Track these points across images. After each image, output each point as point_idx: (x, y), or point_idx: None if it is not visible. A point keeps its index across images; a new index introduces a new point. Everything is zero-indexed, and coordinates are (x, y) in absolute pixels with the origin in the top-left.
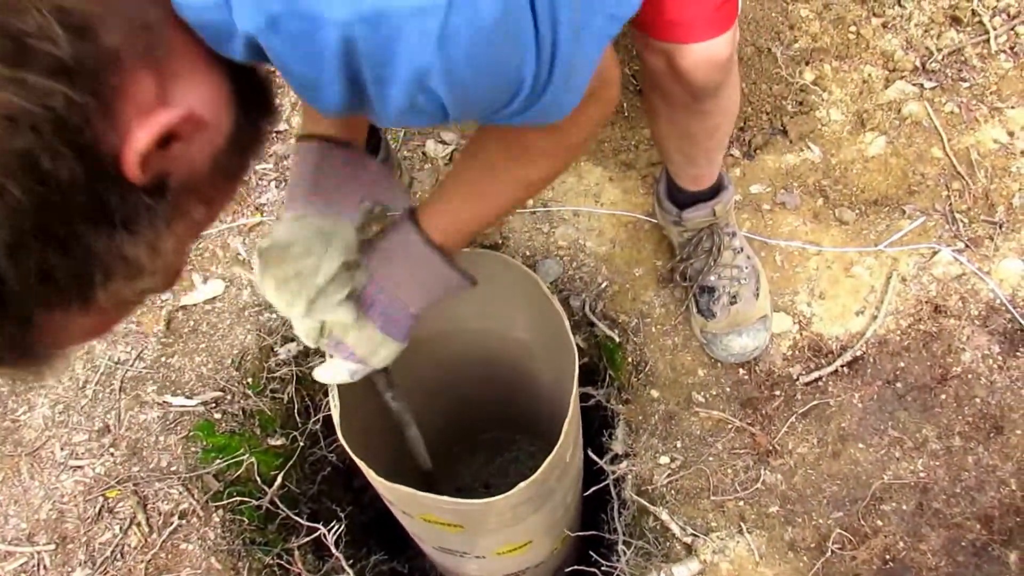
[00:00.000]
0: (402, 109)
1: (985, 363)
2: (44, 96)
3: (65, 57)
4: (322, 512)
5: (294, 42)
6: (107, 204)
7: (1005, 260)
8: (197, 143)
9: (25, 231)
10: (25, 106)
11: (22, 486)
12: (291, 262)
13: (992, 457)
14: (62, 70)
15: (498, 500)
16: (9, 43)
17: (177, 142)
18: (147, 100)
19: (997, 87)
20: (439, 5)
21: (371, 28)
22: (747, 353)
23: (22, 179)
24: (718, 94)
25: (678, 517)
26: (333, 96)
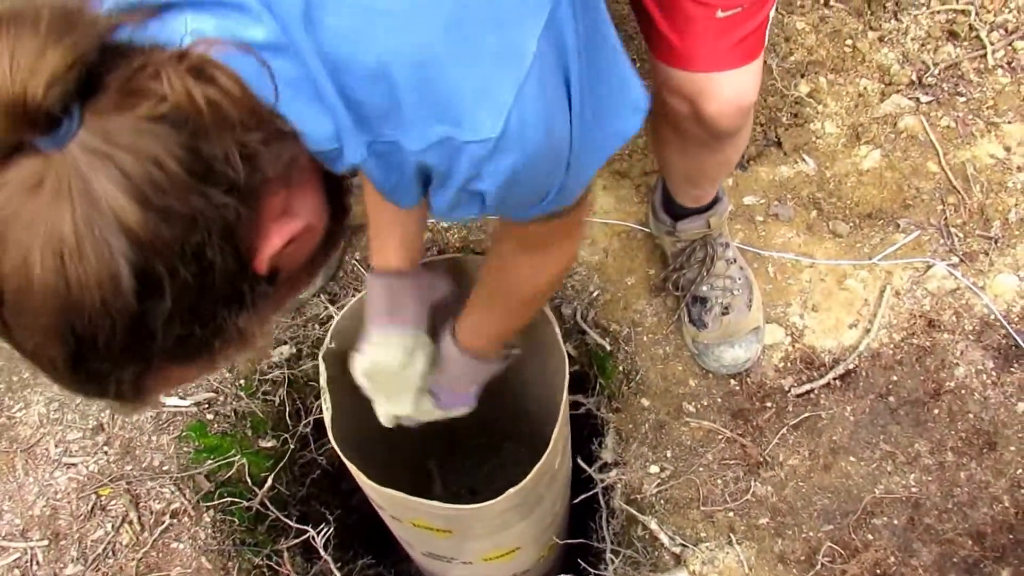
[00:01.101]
0: (448, 207)
1: (979, 378)
2: (219, 207)
3: (238, 180)
4: (311, 515)
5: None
6: (241, 290)
7: (1000, 275)
8: (304, 245)
9: (182, 305)
10: (205, 212)
11: (17, 482)
12: (396, 378)
13: (985, 473)
14: (235, 189)
15: (487, 506)
16: (202, 164)
17: (293, 244)
18: (280, 211)
19: (994, 102)
20: (491, 138)
21: (439, 153)
22: (739, 364)
23: (191, 265)
24: (737, 136)
25: (667, 527)
26: (409, 198)
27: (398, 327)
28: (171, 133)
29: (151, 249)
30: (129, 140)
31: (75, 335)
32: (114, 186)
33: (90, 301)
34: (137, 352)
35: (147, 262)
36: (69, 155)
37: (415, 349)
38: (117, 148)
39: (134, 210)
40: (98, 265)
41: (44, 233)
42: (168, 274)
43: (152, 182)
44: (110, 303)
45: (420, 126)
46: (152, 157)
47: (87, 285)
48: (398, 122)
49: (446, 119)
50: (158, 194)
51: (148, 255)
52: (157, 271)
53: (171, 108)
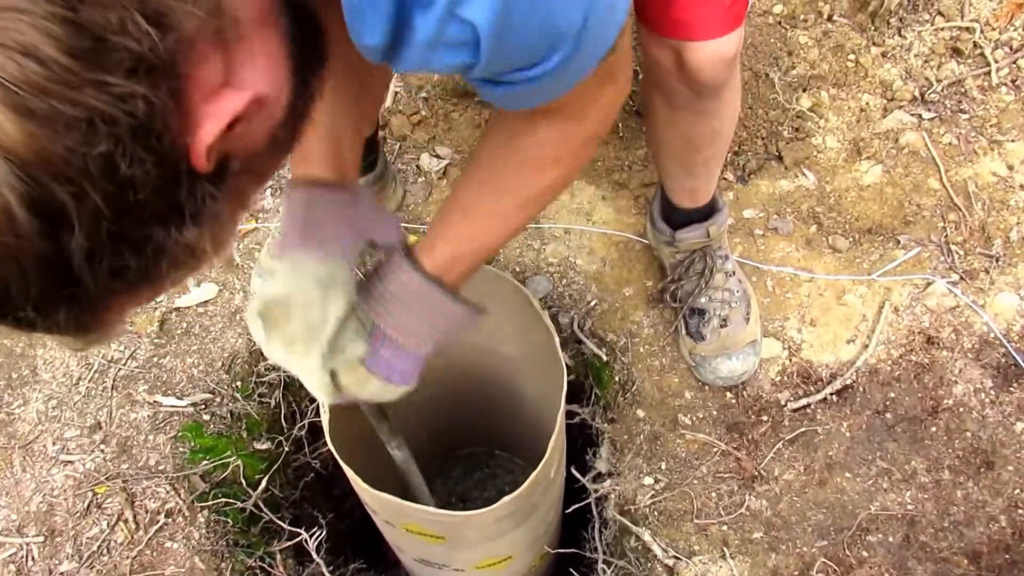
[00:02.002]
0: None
1: (977, 397)
2: (124, 99)
3: (145, 53)
4: (303, 518)
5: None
6: (178, 201)
7: (1001, 294)
8: (258, 121)
9: (102, 235)
10: (104, 109)
11: (14, 478)
12: (296, 318)
13: (982, 492)
14: (141, 67)
15: (481, 513)
16: (89, 40)
17: (241, 124)
18: (214, 84)
19: (997, 120)
20: None
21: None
22: (735, 377)
23: (101, 184)
24: (721, 94)
25: (660, 539)
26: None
27: (314, 253)
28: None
29: (43, 170)
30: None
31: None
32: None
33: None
34: (62, 294)
35: (41, 188)
36: None
37: (332, 282)
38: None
39: (10, 121)
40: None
41: None
42: (73, 199)
43: (26, 80)
44: (8, 245)
45: None
46: (20, 45)
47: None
48: None
49: None
50: (38, 95)
51: (40, 179)
52: (57, 198)
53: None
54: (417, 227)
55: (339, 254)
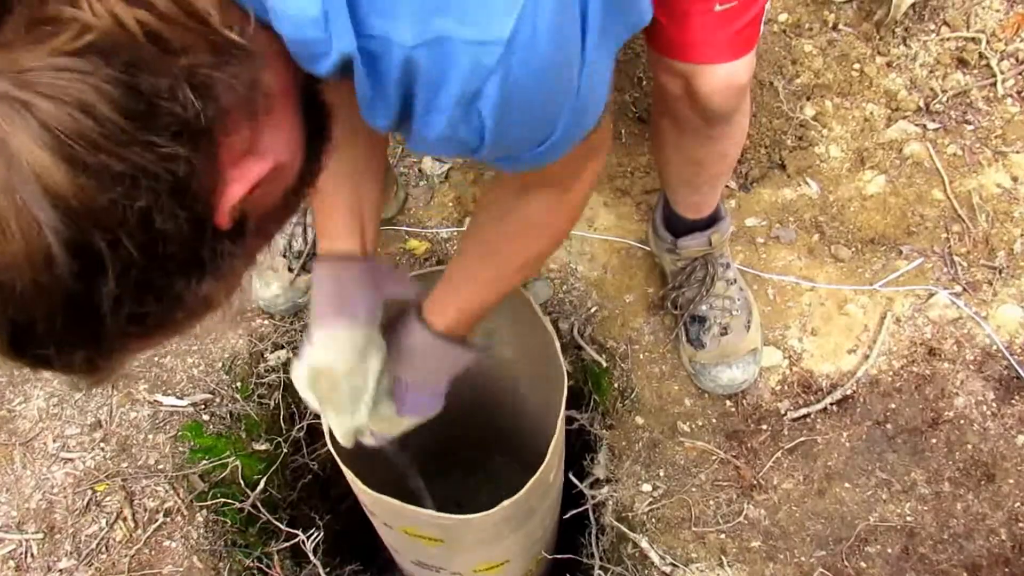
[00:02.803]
0: (441, 136)
1: (978, 409)
2: (167, 159)
3: (189, 119)
4: (300, 519)
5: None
6: (200, 255)
7: (1004, 306)
8: (274, 185)
9: (130, 281)
10: (149, 167)
11: (14, 475)
12: (342, 385)
13: (982, 505)
14: (185, 132)
15: (480, 516)
16: (143, 104)
17: (259, 187)
18: (242, 150)
19: (1003, 131)
20: (499, 40)
21: (431, 53)
22: (735, 385)
23: (136, 235)
24: (731, 120)
25: (658, 546)
26: (385, 113)
27: (346, 323)
28: (99, 67)
29: (86, 219)
30: (48, 81)
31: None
32: (34, 142)
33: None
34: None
35: (82, 235)
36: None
37: (367, 348)
38: (34, 92)
39: (61, 171)
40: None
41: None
42: (109, 247)
43: (80, 134)
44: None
45: (416, 17)
46: (78, 101)
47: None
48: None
49: (448, 10)
50: (89, 149)
51: (83, 226)
52: (95, 245)
53: (98, 37)
54: (419, 231)
55: (368, 320)
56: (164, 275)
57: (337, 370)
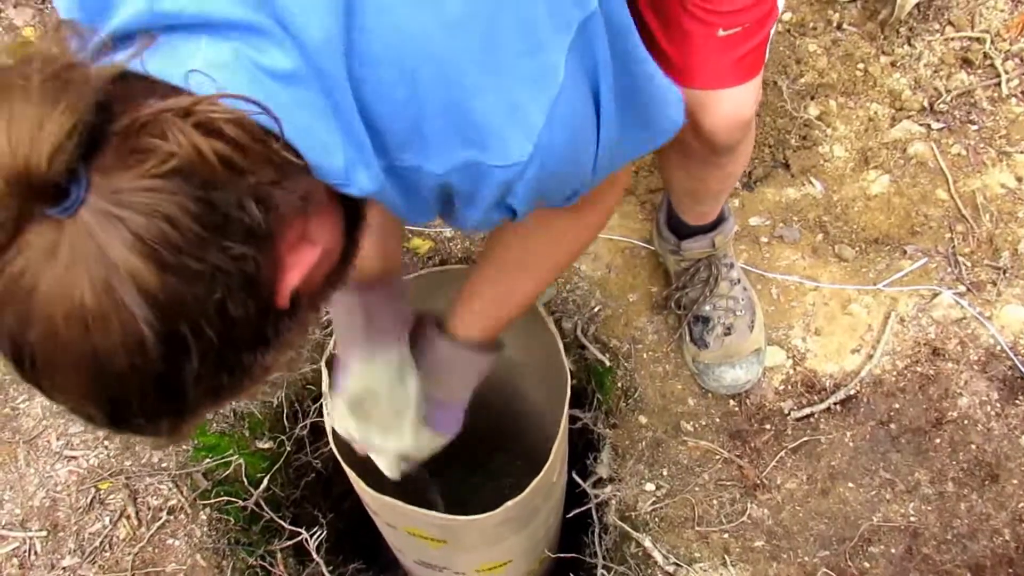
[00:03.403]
0: (479, 222)
1: (983, 409)
2: (238, 259)
3: (254, 226)
4: (303, 517)
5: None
6: (265, 333)
7: (1008, 306)
8: (322, 267)
9: (209, 361)
10: (223, 266)
11: (18, 472)
12: (384, 406)
13: (986, 505)
14: (251, 236)
15: (483, 517)
16: (217, 216)
17: (311, 270)
18: (296, 240)
19: (1007, 131)
20: (520, 161)
21: (462, 175)
22: (739, 385)
23: (215, 322)
24: (736, 150)
25: (661, 545)
26: (425, 215)
27: (380, 347)
28: (182, 187)
29: (173, 311)
30: (139, 199)
31: (108, 399)
32: (128, 249)
33: (119, 367)
34: (170, 407)
35: (170, 324)
36: (80, 221)
37: (403, 369)
38: (127, 208)
39: (151, 272)
40: (122, 332)
41: (65, 303)
42: (192, 334)
43: (166, 241)
44: (138, 367)
45: (444, 150)
46: (164, 215)
47: (114, 352)
48: (421, 148)
49: (472, 143)
50: (174, 253)
51: (171, 317)
52: (181, 332)
53: (181, 163)
54: (423, 230)
55: (399, 340)
56: (236, 353)
57: (380, 394)
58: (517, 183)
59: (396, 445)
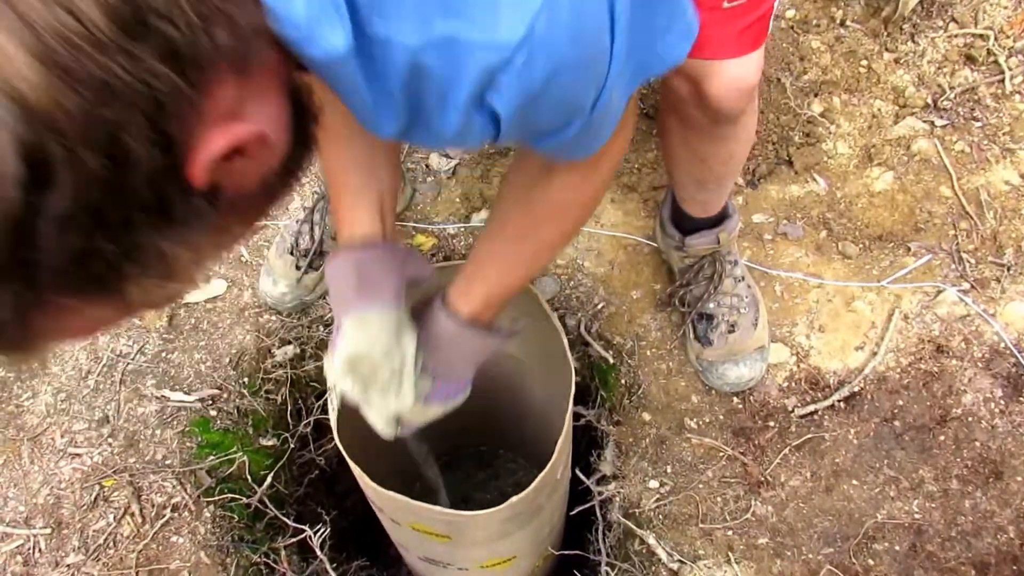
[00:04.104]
0: (457, 131)
1: (987, 407)
2: (150, 76)
3: (181, 45)
4: (307, 514)
5: (369, 69)
6: (166, 199)
7: (1012, 303)
8: (256, 162)
9: (83, 207)
10: (127, 79)
11: (22, 470)
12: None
13: (990, 503)
14: (174, 56)
15: (488, 513)
16: (130, 12)
17: (240, 157)
18: (227, 109)
19: (1011, 128)
20: (509, 43)
21: (440, 54)
22: (743, 383)
23: (99, 151)
24: (738, 121)
25: (665, 542)
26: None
27: (376, 305)
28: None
29: (48, 122)
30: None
31: None
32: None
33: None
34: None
35: (40, 140)
36: None
37: (400, 330)
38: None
39: (32, 67)
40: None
41: None
42: (68, 160)
43: (60, 33)
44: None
45: (421, 18)
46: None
47: None
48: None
49: (456, 13)
50: (68, 49)
51: (43, 130)
52: (53, 153)
53: None
54: (426, 227)
55: (395, 302)
56: (122, 208)
57: (375, 353)
58: (502, 73)
59: (395, 405)
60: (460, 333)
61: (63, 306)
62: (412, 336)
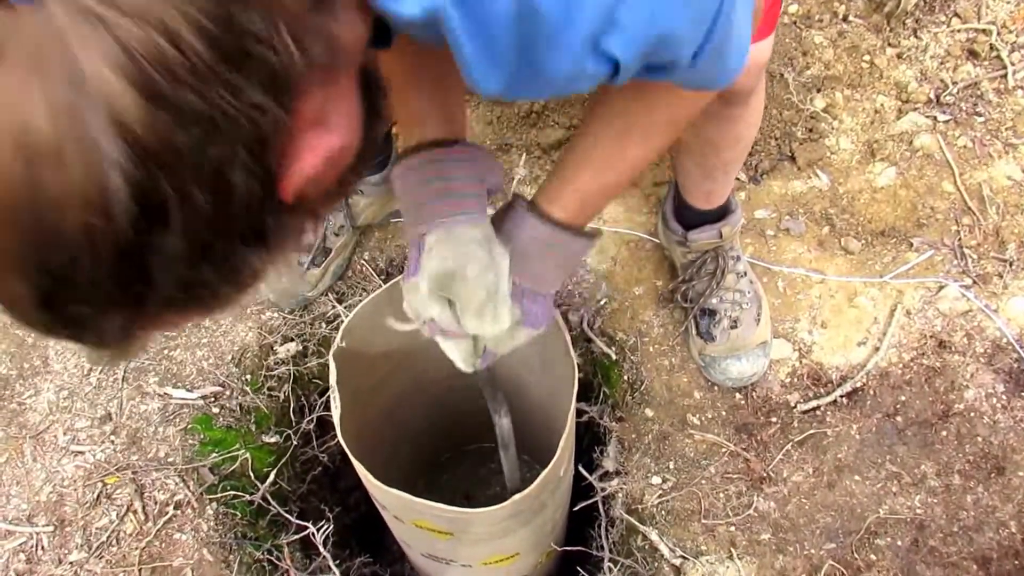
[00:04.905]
0: (568, 76)
1: (988, 402)
2: (252, 108)
3: (280, 69)
4: (310, 511)
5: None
6: (262, 223)
7: (1014, 299)
8: (336, 166)
9: (191, 242)
10: (232, 114)
11: (25, 468)
12: (478, 286)
13: (992, 498)
14: (274, 83)
15: (491, 510)
16: (232, 41)
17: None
18: (313, 120)
19: (1013, 123)
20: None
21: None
22: (745, 378)
23: (208, 188)
24: (748, 101)
25: (668, 538)
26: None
27: (462, 217)
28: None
29: (158, 160)
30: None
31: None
32: (109, 65)
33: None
34: (128, 297)
35: (151, 178)
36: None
37: (488, 242)
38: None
39: (136, 102)
40: (83, 177)
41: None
42: (178, 197)
43: (164, 63)
44: (95, 229)
45: None
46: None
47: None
48: None
49: None
50: (172, 82)
51: (153, 168)
52: (163, 192)
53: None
54: None
55: (479, 211)
56: (227, 238)
57: (470, 271)
58: (620, 6)
59: (493, 328)
60: (554, 240)
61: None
62: (504, 251)
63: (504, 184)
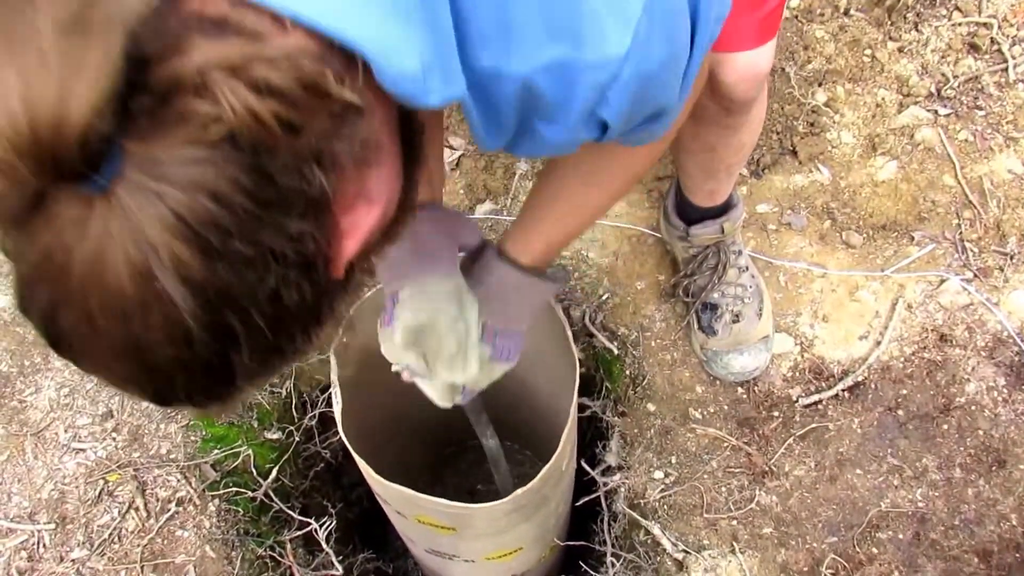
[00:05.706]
0: (562, 142)
1: (990, 395)
2: (295, 239)
3: (314, 195)
4: (312, 507)
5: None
6: (320, 310)
7: (1015, 292)
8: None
9: (259, 348)
10: (278, 249)
11: (26, 465)
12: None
13: (993, 491)
14: (310, 207)
15: (493, 505)
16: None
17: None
18: (353, 198)
19: (1014, 116)
20: (617, 57)
21: (551, 77)
22: (747, 372)
23: (266, 311)
24: (750, 110)
25: (670, 533)
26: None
27: (434, 274)
28: (231, 156)
29: (220, 302)
30: (181, 172)
31: (152, 385)
32: (168, 232)
33: (163, 357)
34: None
35: (218, 316)
36: (114, 198)
37: (461, 297)
38: (167, 183)
39: (195, 259)
40: (165, 324)
41: (101, 291)
42: (241, 324)
43: (213, 222)
44: (183, 359)
45: (530, 45)
46: (210, 191)
47: (157, 344)
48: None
49: (563, 36)
50: (221, 237)
51: (218, 308)
52: (229, 323)
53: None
54: None
55: (452, 268)
56: (288, 336)
57: (440, 324)
58: (612, 88)
59: (462, 377)
60: (523, 282)
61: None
62: (474, 304)
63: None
